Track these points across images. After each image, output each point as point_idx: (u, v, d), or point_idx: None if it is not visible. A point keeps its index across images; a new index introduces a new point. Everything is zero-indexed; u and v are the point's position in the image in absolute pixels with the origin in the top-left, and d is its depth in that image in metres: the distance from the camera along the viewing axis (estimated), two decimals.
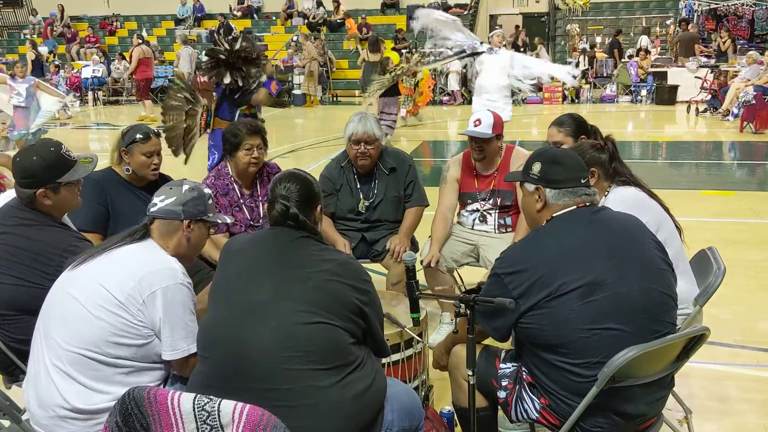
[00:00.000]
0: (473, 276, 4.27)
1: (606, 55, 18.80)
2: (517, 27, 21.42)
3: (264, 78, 5.93)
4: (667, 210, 3.01)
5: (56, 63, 19.84)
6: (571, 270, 2.12)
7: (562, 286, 2.10)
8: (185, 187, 2.42)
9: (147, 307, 2.15)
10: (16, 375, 2.67)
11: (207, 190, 2.49)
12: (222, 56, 5.68)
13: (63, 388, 2.11)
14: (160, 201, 2.37)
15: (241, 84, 5.73)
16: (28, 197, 2.64)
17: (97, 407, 2.12)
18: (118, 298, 2.13)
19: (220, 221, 2.53)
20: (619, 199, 2.87)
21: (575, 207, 2.28)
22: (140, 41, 17.32)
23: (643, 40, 18.76)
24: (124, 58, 19.92)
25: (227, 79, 5.62)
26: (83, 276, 2.21)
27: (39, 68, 18.61)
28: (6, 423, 2.20)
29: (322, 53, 19.16)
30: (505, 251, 2.34)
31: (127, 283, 2.15)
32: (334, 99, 20.22)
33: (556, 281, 2.11)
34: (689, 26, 17.88)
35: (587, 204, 2.30)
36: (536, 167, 2.35)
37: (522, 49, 18.08)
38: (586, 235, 2.22)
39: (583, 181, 2.31)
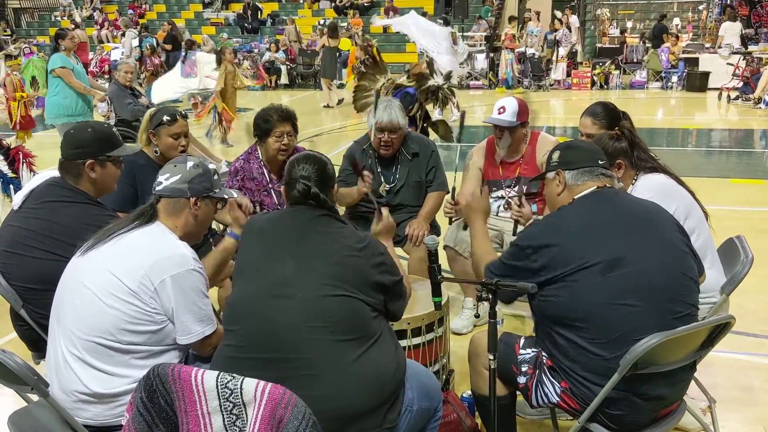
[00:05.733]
0: None
1: (645, 43, 18.28)
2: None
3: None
4: (694, 197, 2.97)
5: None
6: (593, 246, 2.18)
7: (583, 260, 2.15)
8: (189, 163, 2.37)
9: (159, 295, 2.14)
10: (44, 351, 2.71)
11: (212, 166, 2.45)
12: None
13: (81, 374, 2.13)
14: (165, 179, 2.33)
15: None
16: (75, 169, 2.68)
17: (116, 390, 2.14)
18: (130, 286, 2.12)
19: (226, 196, 2.50)
20: (647, 187, 2.85)
21: (596, 188, 2.33)
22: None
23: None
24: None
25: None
26: (94, 263, 2.20)
27: None
28: (34, 397, 2.25)
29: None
30: (527, 227, 2.43)
31: (137, 271, 2.13)
32: None
33: (577, 256, 2.16)
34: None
35: (607, 186, 2.36)
36: (555, 155, 2.45)
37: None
38: (608, 213, 2.29)
39: (600, 162, 2.38)
